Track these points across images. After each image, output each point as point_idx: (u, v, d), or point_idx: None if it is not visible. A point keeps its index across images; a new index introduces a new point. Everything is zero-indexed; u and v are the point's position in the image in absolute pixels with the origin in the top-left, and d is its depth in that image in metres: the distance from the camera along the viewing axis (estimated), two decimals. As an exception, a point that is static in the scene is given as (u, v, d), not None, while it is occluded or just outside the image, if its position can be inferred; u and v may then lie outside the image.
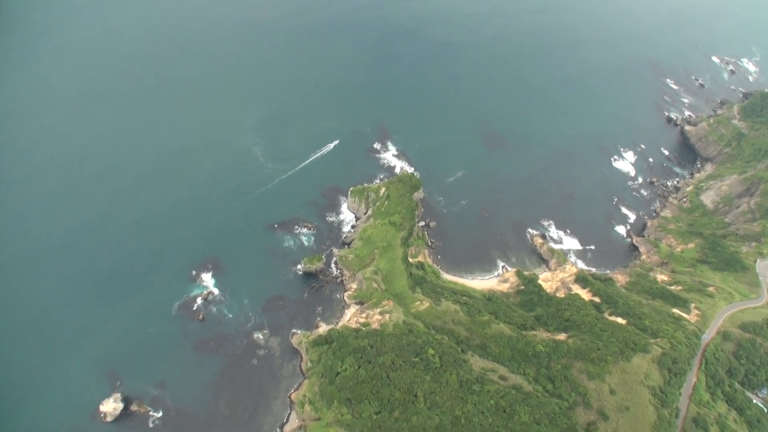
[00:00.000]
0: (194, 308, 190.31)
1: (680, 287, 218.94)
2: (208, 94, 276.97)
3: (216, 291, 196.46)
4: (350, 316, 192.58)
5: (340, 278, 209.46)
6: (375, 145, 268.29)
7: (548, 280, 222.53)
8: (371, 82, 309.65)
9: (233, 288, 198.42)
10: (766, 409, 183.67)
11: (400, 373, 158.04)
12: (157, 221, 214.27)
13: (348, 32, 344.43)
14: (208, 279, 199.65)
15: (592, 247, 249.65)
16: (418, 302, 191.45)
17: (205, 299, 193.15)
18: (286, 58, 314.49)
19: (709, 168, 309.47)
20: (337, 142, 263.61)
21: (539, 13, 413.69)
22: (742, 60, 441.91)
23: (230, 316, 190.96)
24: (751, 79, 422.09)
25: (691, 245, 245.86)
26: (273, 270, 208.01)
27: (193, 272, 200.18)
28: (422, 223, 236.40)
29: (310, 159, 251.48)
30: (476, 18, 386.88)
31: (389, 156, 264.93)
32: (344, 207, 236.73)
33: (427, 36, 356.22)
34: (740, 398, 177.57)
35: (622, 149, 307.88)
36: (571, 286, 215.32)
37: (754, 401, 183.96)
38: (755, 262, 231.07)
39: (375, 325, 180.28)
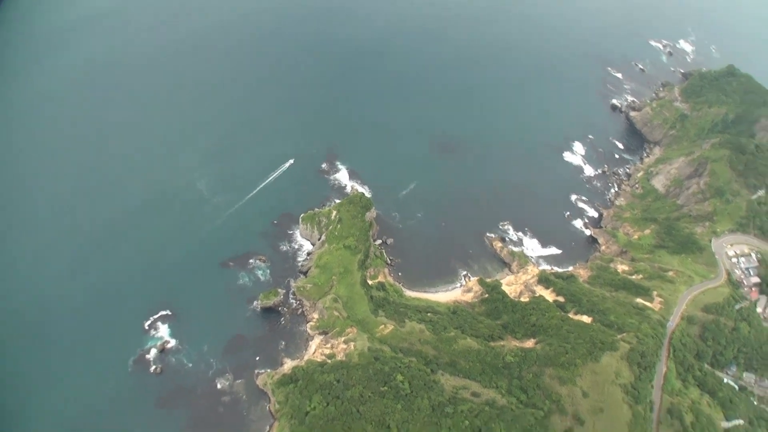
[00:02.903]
0: (150, 362, 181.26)
1: (641, 275, 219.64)
2: (144, 133, 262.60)
3: (172, 341, 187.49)
4: (315, 348, 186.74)
5: (300, 309, 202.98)
6: (323, 166, 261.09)
7: (511, 284, 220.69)
8: (314, 102, 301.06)
9: (190, 335, 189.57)
10: (737, 387, 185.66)
11: (370, 406, 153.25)
12: (102, 276, 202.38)
13: (286, 54, 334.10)
14: (162, 329, 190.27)
15: (552, 246, 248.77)
16: (382, 326, 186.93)
17: (161, 351, 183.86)
18: (222, 85, 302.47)
19: (657, 152, 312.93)
20: (290, 163, 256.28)
21: (484, 24, 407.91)
22: (679, 41, 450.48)
23: (190, 365, 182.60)
24: (688, 59, 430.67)
25: (648, 231, 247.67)
26: (230, 310, 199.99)
27: (146, 324, 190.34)
28: (379, 241, 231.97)
29: (258, 188, 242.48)
30: (421, 34, 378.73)
31: (339, 176, 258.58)
32: (297, 234, 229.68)
33: (369, 53, 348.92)
34: (711, 381, 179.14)
35: (571, 143, 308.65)
36: (534, 287, 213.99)
37: (725, 380, 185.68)
38: (710, 241, 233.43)
39: (340, 356, 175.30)
